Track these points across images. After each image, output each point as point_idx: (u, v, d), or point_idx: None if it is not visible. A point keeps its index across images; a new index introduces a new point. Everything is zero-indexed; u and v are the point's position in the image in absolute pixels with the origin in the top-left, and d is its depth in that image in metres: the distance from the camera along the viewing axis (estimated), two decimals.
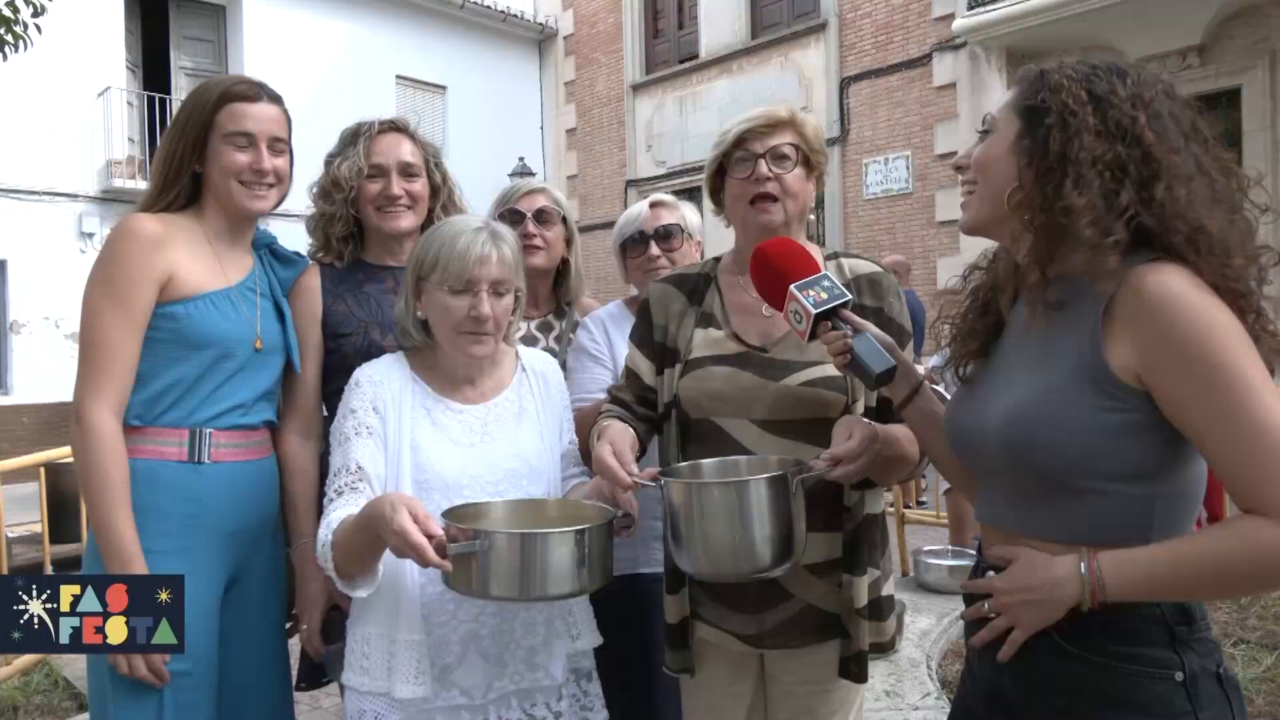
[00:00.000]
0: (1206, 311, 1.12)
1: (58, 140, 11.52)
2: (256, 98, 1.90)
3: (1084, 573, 1.16)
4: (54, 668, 4.01)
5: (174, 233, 1.83)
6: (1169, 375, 1.13)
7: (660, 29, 14.69)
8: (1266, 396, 1.09)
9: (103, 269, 1.78)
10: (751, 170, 1.72)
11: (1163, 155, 1.19)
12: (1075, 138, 1.20)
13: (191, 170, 1.88)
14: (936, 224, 11.14)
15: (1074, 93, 1.22)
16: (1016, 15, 9.69)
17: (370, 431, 1.65)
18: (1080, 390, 1.18)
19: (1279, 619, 3.97)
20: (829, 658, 1.70)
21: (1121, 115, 1.20)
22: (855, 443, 1.48)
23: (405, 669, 1.58)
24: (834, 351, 1.50)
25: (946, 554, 5.01)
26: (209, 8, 13.32)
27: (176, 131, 1.88)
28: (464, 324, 1.67)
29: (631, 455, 1.59)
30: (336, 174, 2.12)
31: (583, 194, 15.44)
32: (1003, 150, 1.30)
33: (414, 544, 1.34)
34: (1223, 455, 1.11)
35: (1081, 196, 1.17)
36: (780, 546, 1.46)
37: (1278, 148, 9.10)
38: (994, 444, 1.27)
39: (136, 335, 1.76)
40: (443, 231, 1.72)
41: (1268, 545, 1.08)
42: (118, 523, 1.68)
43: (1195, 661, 1.18)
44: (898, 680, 3.46)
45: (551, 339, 2.36)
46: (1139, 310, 1.14)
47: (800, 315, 1.51)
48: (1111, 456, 1.17)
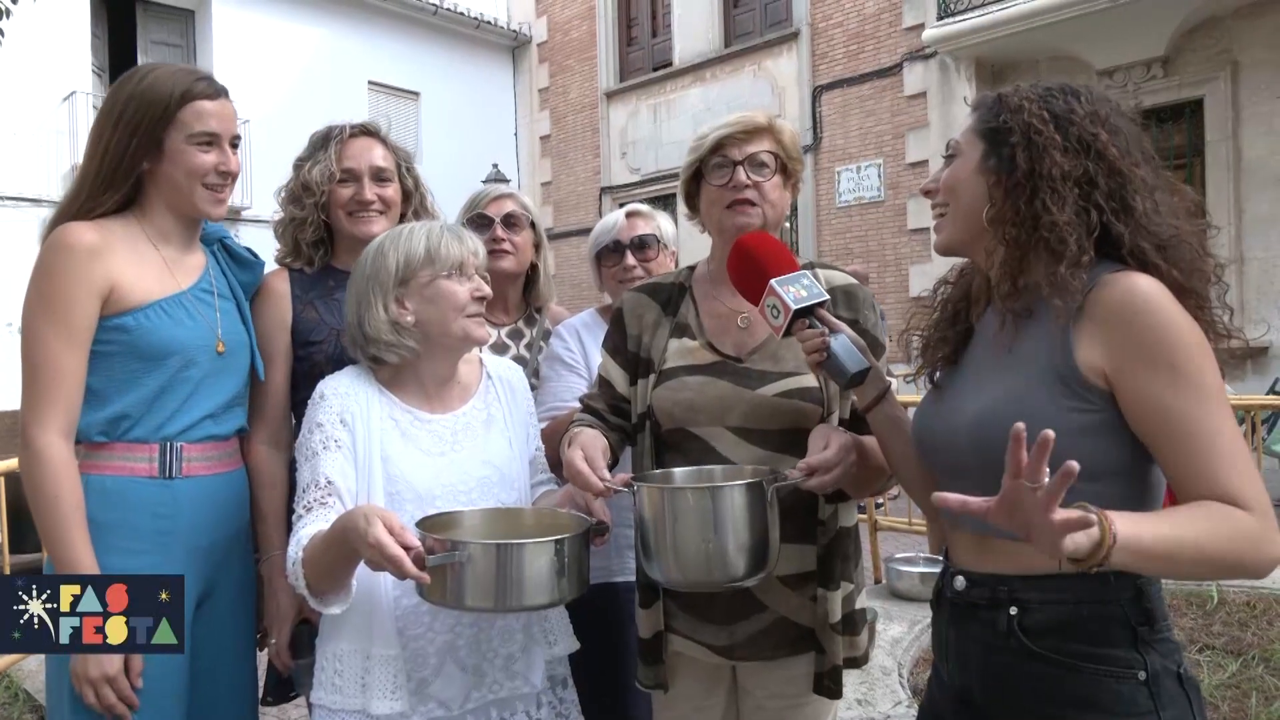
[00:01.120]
0: (1175, 318, 1.17)
1: (22, 144, 11.34)
2: (217, 95, 1.81)
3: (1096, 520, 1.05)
4: (14, 680, 3.93)
5: (112, 240, 1.72)
6: (1136, 374, 1.17)
7: (634, 37, 14.74)
8: (1221, 406, 1.16)
9: (38, 286, 1.69)
10: (730, 177, 1.70)
11: (1127, 168, 1.25)
12: (1043, 155, 1.25)
13: (139, 169, 1.77)
14: (908, 231, 11.25)
15: (1034, 112, 1.28)
16: (985, 26, 9.84)
17: (339, 445, 1.62)
18: (1050, 390, 1.22)
19: (1243, 625, 4.02)
20: (802, 671, 1.69)
21: (1083, 131, 1.26)
22: (831, 453, 1.48)
23: (381, 684, 1.55)
24: (810, 349, 1.49)
25: (918, 561, 5.04)
26: (177, 12, 13.18)
27: (125, 128, 1.73)
28: (469, 305, 1.66)
29: (603, 461, 1.58)
30: (307, 178, 2.08)
31: (557, 200, 15.44)
32: (969, 172, 1.34)
33: (391, 556, 1.31)
34: (1174, 452, 1.15)
35: (1062, 212, 1.22)
36: (754, 555, 1.45)
37: (1239, 157, 9.29)
38: (964, 444, 1.30)
39: (80, 352, 1.67)
40: (410, 232, 1.70)
41: (1242, 521, 1.10)
42: (74, 544, 1.62)
43: (1157, 661, 1.21)
44: (869, 688, 3.47)
45: (522, 346, 2.34)
46: (1111, 313, 1.19)
47: (778, 310, 1.50)
48: (1078, 455, 1.18)
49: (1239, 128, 9.27)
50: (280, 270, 2.12)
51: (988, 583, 1.30)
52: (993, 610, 1.28)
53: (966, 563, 1.35)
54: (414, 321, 1.67)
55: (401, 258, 1.67)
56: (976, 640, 1.31)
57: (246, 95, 1.96)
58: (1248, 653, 3.69)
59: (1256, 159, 9.18)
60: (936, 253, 1.46)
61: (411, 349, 1.68)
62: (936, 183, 1.42)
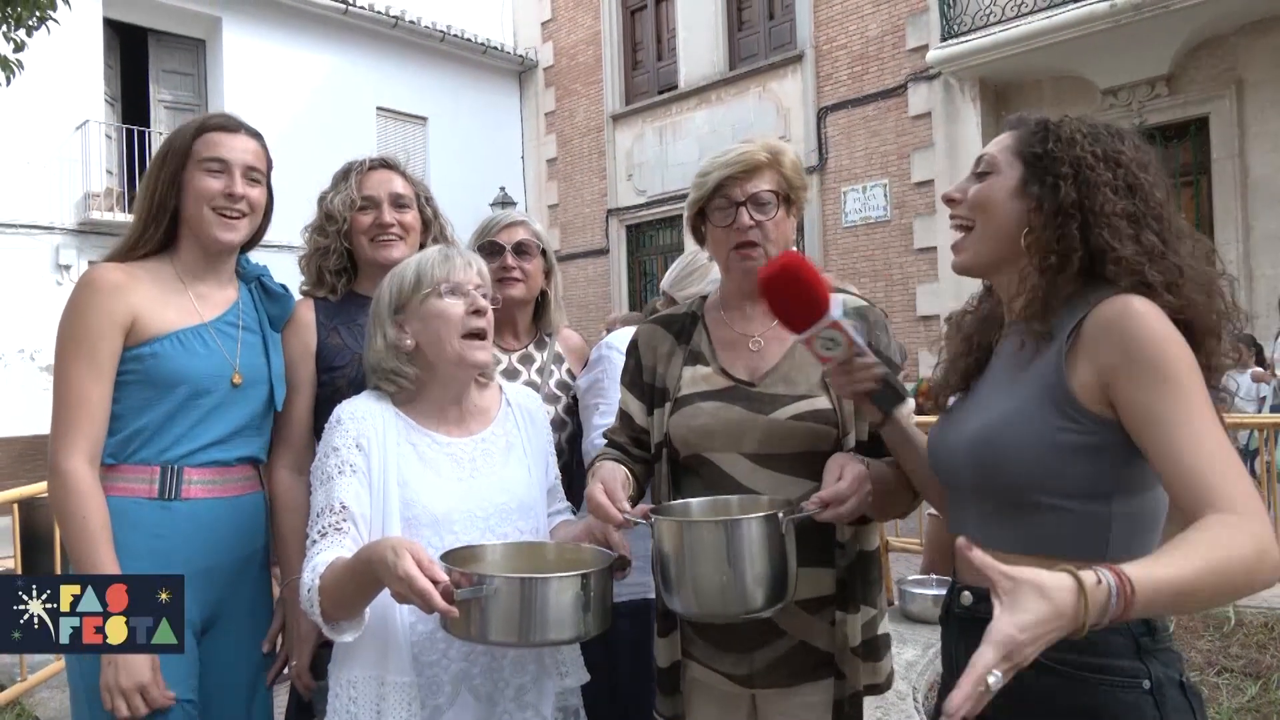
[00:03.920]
0: (1165, 332, 1.20)
1: (35, 173, 11.43)
2: (234, 129, 1.92)
3: (1110, 587, 0.99)
4: (25, 709, 3.92)
5: (138, 277, 1.83)
6: (1129, 382, 1.19)
7: (639, 60, 14.83)
8: (1209, 413, 1.17)
9: (67, 321, 1.79)
10: (733, 219, 1.71)
11: (1169, 215, 1.30)
12: (1095, 191, 1.28)
13: (172, 209, 1.87)
14: (915, 251, 11.25)
15: (1086, 147, 1.31)
16: (989, 46, 9.87)
17: (354, 469, 1.61)
18: (1043, 411, 1.25)
19: (1261, 647, 3.97)
20: (822, 698, 1.67)
21: (1129, 174, 1.30)
22: (845, 484, 1.48)
23: (396, 712, 1.53)
24: (866, 379, 1.48)
25: (931, 583, 5.00)
26: (188, 41, 13.32)
27: (155, 169, 1.88)
28: (466, 322, 1.67)
29: (624, 493, 1.58)
30: (330, 208, 2.18)
31: (564, 223, 15.50)
32: (1006, 193, 1.36)
33: (420, 590, 1.31)
34: (1166, 457, 1.15)
35: (1124, 246, 1.25)
36: (772, 587, 1.45)
37: (1246, 174, 9.28)
38: (962, 460, 1.35)
39: (105, 382, 1.76)
40: (405, 263, 1.76)
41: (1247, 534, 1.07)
42: (103, 562, 1.67)
43: (1160, 671, 1.23)
44: (884, 713, 3.43)
45: (533, 371, 2.35)
46: (1105, 329, 1.22)
47: (837, 342, 1.47)
48: (1068, 475, 1.24)
49: (1245, 145, 9.27)
50: (307, 300, 2.19)
51: None
52: None
53: (973, 579, 1.37)
54: (414, 345, 1.70)
55: (395, 286, 1.72)
56: None
57: (256, 122, 1.99)
58: (1267, 675, 3.64)
59: (1263, 176, 9.17)
60: (955, 271, 1.46)
61: (412, 375, 1.70)
62: (962, 192, 1.42)
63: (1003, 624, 0.95)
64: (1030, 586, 0.97)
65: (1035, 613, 0.96)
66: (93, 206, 11.80)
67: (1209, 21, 9.01)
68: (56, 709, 3.93)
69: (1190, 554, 1.05)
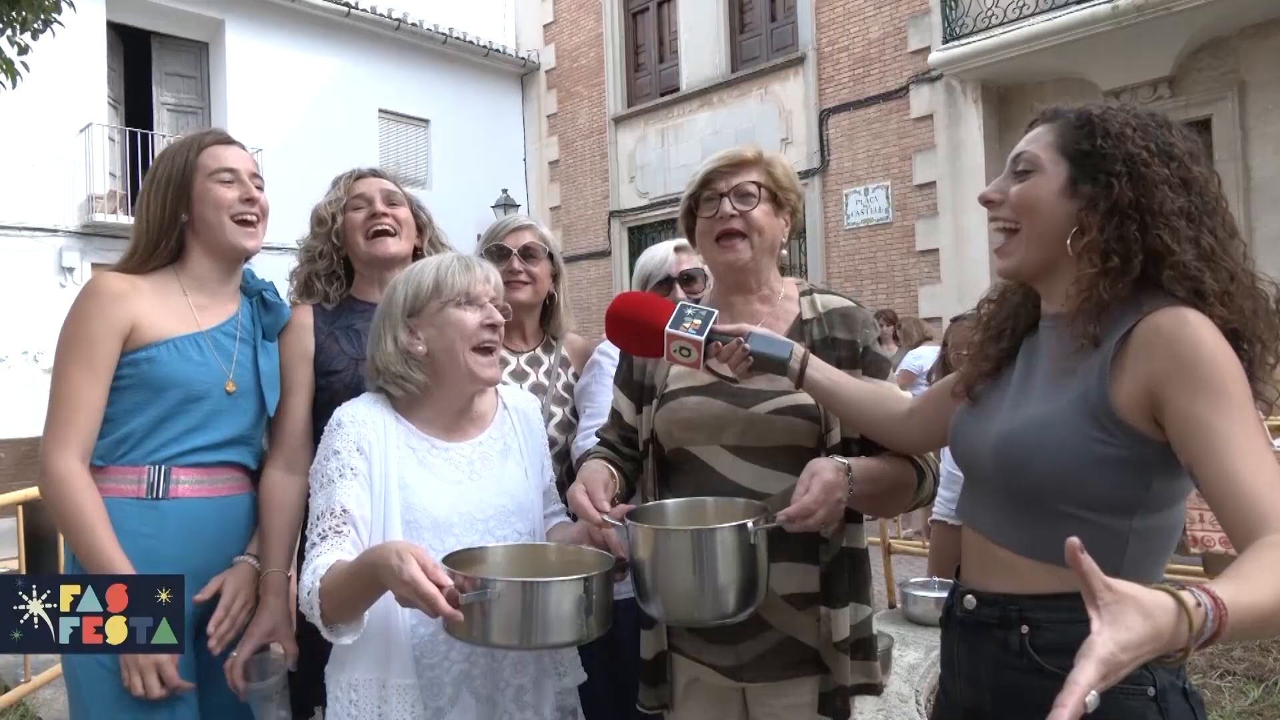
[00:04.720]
0: (1220, 348, 1.16)
1: (38, 175, 11.46)
2: (230, 143, 2.00)
3: (1207, 610, 0.94)
4: (29, 708, 3.93)
5: (139, 286, 1.86)
6: (1183, 397, 1.14)
7: (641, 63, 14.84)
8: (1260, 431, 1.14)
9: (69, 326, 1.82)
10: (717, 209, 1.75)
11: (1223, 210, 1.25)
12: (1153, 189, 1.21)
13: (180, 221, 1.91)
14: (917, 253, 11.24)
15: (1139, 142, 1.23)
16: (991, 48, 9.87)
17: (355, 473, 1.62)
18: (1079, 419, 1.22)
19: (1264, 650, 3.96)
20: (810, 694, 1.69)
21: (1184, 169, 1.23)
22: (810, 498, 1.49)
23: (398, 714, 1.54)
24: (737, 360, 1.56)
25: (933, 585, 4.99)
26: (191, 44, 13.35)
27: (159, 188, 1.91)
28: (478, 334, 1.68)
29: (604, 493, 1.60)
30: (320, 212, 2.21)
31: (566, 225, 15.50)
32: (1052, 194, 1.29)
33: (425, 594, 1.32)
34: (1218, 471, 1.11)
35: (1185, 250, 1.20)
36: (741, 593, 1.48)
37: (1248, 177, 9.27)
38: (988, 458, 1.33)
39: (100, 385, 1.79)
40: (422, 265, 1.76)
41: None
42: (104, 547, 1.70)
43: (1164, 677, 1.21)
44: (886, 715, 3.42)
45: (541, 373, 2.37)
46: (1157, 342, 1.18)
47: (689, 349, 1.58)
48: (1094, 487, 1.21)
49: (1247, 147, 9.26)
50: (305, 305, 2.20)
51: (998, 602, 1.31)
52: (1005, 630, 1.29)
53: (976, 582, 1.37)
54: (425, 351, 1.69)
55: (411, 290, 1.72)
56: (988, 658, 1.32)
57: (259, 124, 2.04)
58: (1270, 679, 3.63)
59: (1265, 178, 9.16)
60: (1001, 275, 1.41)
61: (420, 382, 1.70)
62: (1002, 193, 1.35)
63: (1105, 641, 0.90)
64: (1134, 603, 0.91)
65: (1138, 632, 0.90)
66: (96, 209, 11.83)
67: (1211, 23, 9.01)
68: (60, 709, 3.94)
69: (1269, 578, 0.99)
